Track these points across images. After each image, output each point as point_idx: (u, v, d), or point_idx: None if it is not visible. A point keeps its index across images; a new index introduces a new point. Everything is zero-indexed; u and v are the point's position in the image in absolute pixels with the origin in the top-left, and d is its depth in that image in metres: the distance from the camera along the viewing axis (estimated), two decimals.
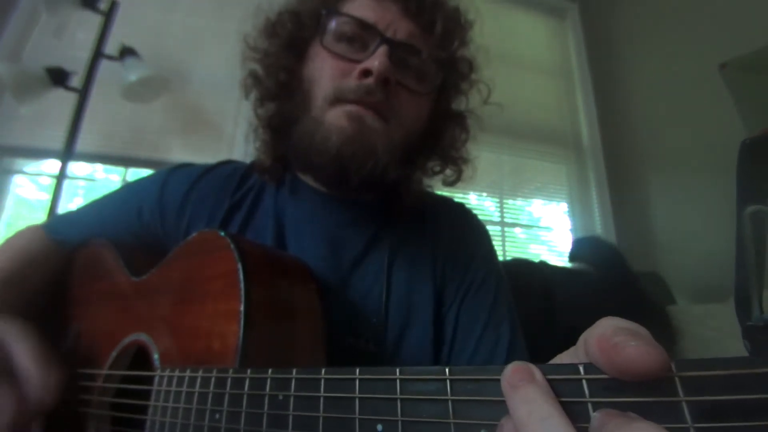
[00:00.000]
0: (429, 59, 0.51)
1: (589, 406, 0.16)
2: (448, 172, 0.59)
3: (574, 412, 0.16)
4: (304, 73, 0.52)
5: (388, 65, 0.46)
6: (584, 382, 0.17)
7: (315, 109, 0.49)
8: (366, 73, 0.46)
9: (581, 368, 0.17)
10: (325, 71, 0.49)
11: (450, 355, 0.50)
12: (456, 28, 0.55)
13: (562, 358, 0.21)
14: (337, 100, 0.47)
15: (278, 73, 0.54)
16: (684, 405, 0.14)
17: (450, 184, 0.59)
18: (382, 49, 0.47)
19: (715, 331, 1.21)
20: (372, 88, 0.46)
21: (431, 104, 0.55)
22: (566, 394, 0.17)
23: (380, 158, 0.47)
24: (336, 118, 0.47)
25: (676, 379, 0.15)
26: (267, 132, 0.56)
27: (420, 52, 0.50)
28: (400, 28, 0.49)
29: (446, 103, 0.57)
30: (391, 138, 0.48)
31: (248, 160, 0.62)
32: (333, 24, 0.50)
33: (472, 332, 0.50)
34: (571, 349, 0.20)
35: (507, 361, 0.18)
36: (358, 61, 0.47)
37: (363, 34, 0.49)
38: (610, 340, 0.16)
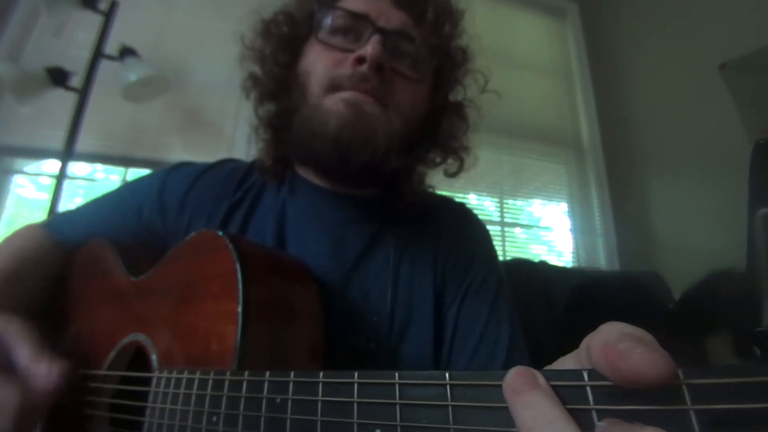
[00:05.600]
0: (422, 46, 0.52)
1: (593, 413, 0.16)
2: (449, 162, 0.59)
3: (578, 420, 0.16)
4: (300, 69, 0.53)
5: (382, 51, 0.47)
6: (588, 389, 0.16)
7: (312, 97, 0.50)
8: (360, 60, 0.47)
9: (585, 374, 0.16)
10: (320, 62, 0.50)
11: (450, 355, 0.49)
12: (447, 16, 0.56)
13: (565, 362, 0.20)
14: (333, 87, 0.48)
15: (275, 72, 0.55)
16: (692, 414, 0.14)
17: (452, 175, 0.60)
18: (376, 37, 0.48)
19: None
20: (366, 75, 0.47)
21: (428, 93, 0.55)
22: (570, 401, 0.16)
23: (380, 143, 0.47)
24: (334, 104, 0.48)
25: (684, 387, 0.14)
26: (268, 131, 0.57)
27: (413, 38, 0.51)
28: (392, 18, 0.51)
29: (443, 93, 0.58)
30: (391, 123, 0.48)
31: (248, 159, 0.61)
32: (326, 18, 0.51)
33: (472, 332, 0.50)
34: (574, 353, 0.19)
35: (507, 361, 0.18)
36: (353, 51, 0.48)
37: (356, 26, 0.50)
38: (615, 348, 0.15)
